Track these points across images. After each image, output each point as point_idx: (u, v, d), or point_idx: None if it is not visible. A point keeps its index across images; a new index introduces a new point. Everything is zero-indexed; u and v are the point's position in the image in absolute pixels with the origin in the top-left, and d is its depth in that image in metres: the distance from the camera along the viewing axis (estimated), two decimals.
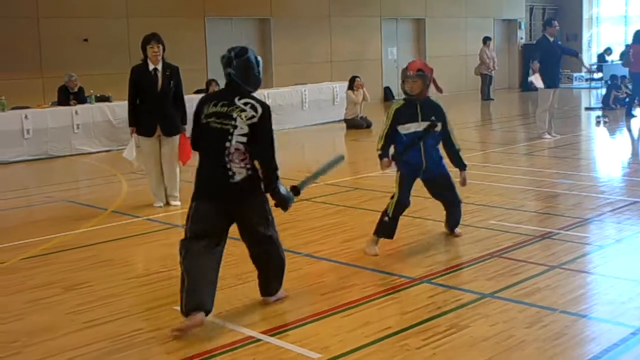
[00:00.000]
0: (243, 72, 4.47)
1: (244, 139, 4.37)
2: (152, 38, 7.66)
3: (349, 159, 12.46)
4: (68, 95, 12.72)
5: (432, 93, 5.97)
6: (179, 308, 4.58)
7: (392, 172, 6.05)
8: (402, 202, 5.92)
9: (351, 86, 15.09)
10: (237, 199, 4.43)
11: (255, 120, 4.38)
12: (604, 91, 17.98)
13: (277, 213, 4.64)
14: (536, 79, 11.69)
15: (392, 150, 5.96)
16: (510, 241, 6.09)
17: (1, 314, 4.84)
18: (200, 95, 5.85)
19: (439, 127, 5.89)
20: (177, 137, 7.89)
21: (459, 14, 22.44)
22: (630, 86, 16.15)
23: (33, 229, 7.18)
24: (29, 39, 14.28)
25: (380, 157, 5.87)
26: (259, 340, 4.22)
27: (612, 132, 13.97)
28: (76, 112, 12.36)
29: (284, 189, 4.51)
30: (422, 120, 5.78)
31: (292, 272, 5.47)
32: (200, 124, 4.50)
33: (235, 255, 5.11)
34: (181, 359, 4.01)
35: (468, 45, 20.36)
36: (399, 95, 21.83)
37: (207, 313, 4.33)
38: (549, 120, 12.12)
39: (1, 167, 11.45)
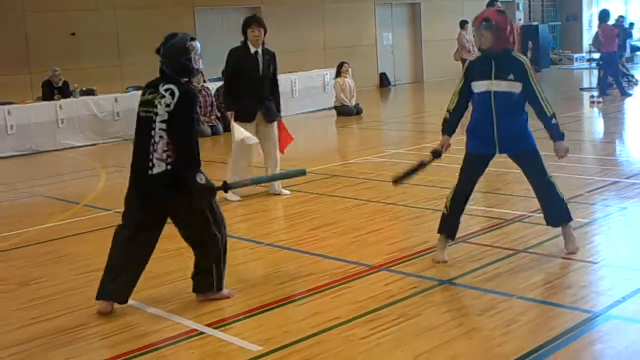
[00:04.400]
0: (167, 60, 4.38)
1: (164, 126, 4.27)
2: (252, 21, 7.19)
3: (335, 145, 12.35)
4: (52, 90, 12.63)
5: None
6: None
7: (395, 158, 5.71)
8: (458, 190, 5.03)
9: (339, 73, 14.88)
10: (154, 193, 4.33)
11: (171, 107, 4.27)
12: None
13: (246, 203, 4.50)
14: None
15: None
16: (479, 225, 5.94)
17: None
18: None
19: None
20: (276, 124, 7.47)
21: None
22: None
23: (1, 225, 7.09)
24: (16, 34, 14.18)
25: (443, 127, 5.06)
26: (202, 333, 4.11)
27: (605, 112, 13.70)
28: (60, 107, 12.24)
29: (203, 178, 4.28)
30: (496, 77, 4.81)
31: (250, 262, 5.39)
32: (137, 113, 4.44)
33: (184, 247, 4.96)
34: (121, 353, 3.92)
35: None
36: (395, 80, 21.65)
37: (120, 302, 4.46)
38: None
39: None
